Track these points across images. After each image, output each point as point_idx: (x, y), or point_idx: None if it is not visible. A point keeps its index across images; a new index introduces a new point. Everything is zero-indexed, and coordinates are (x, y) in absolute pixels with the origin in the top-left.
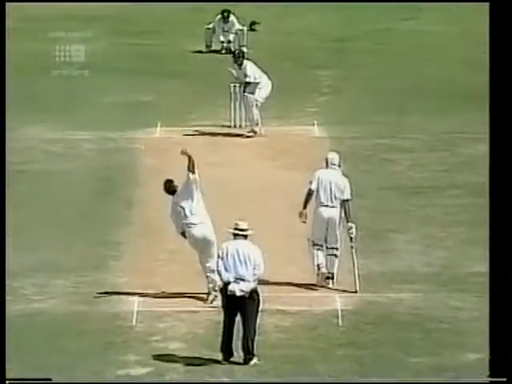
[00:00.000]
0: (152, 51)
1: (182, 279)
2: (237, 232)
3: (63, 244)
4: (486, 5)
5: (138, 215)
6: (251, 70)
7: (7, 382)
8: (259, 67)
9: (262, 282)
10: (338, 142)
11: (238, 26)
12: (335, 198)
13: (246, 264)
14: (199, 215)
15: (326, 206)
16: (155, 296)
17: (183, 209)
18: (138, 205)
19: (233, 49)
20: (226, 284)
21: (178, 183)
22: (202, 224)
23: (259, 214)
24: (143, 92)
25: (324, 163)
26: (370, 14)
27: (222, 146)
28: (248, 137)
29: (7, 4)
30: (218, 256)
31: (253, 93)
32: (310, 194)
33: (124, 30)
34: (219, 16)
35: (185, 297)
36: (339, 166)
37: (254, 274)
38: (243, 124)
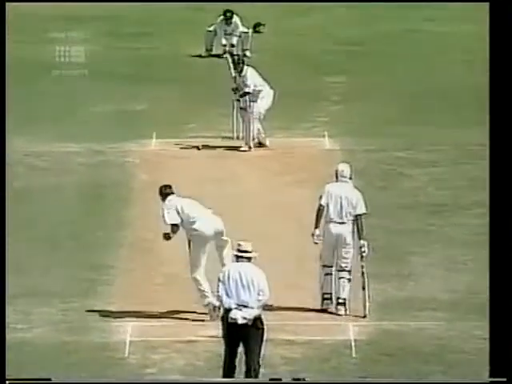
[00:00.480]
0: (146, 55)
1: (180, 306)
2: (240, 254)
3: (49, 267)
4: None
5: (131, 236)
6: (251, 78)
7: (7, 382)
8: (260, 74)
9: (267, 308)
10: (350, 155)
11: (241, 29)
12: (346, 213)
13: (250, 289)
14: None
15: (336, 222)
16: (149, 325)
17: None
18: (131, 224)
19: (235, 52)
20: (227, 311)
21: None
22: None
23: (265, 234)
24: (137, 100)
25: (334, 176)
26: (386, 14)
27: (223, 160)
28: (244, 151)
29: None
30: (219, 280)
31: (253, 102)
32: (320, 210)
33: (115, 32)
34: (221, 17)
35: (182, 320)
36: (350, 178)
37: (258, 300)
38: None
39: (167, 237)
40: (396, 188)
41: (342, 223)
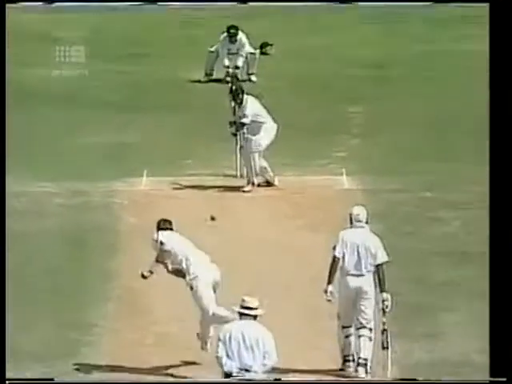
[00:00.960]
0: (137, 80)
1: (173, 370)
2: (244, 311)
3: (25, 326)
4: None
5: (119, 289)
6: (251, 108)
7: (7, 381)
8: (263, 105)
9: (276, 371)
10: (372, 195)
11: (248, 48)
12: (365, 264)
13: (254, 351)
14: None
15: (354, 274)
16: None
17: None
18: (119, 276)
19: (240, 77)
20: (228, 375)
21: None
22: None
23: (273, 287)
24: (126, 131)
25: (348, 221)
26: (412, 33)
27: (224, 201)
28: (247, 191)
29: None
30: (219, 339)
31: (252, 136)
32: (335, 262)
33: (102, 54)
34: (224, 34)
35: None
36: (367, 222)
37: (264, 365)
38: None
39: (148, 274)
40: (423, 233)
41: (361, 275)
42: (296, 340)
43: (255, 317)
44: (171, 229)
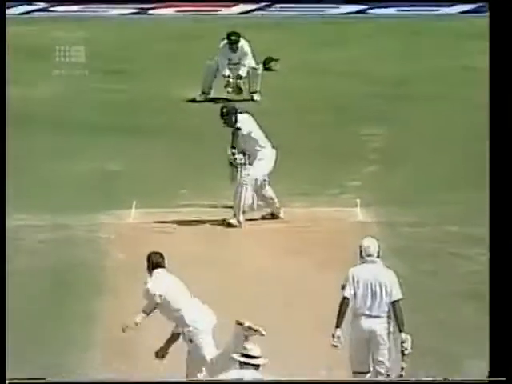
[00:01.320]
0: (126, 99)
1: None
2: (244, 360)
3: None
4: None
5: (104, 334)
6: (247, 129)
7: (7, 381)
8: (261, 128)
9: None
10: (389, 229)
11: (250, 60)
12: (379, 303)
13: None
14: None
15: (367, 315)
16: None
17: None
18: (105, 319)
19: (243, 87)
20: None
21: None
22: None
23: (277, 333)
24: (112, 158)
25: (358, 255)
26: (435, 45)
27: (224, 237)
28: (232, 225)
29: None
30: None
31: (248, 165)
32: (344, 303)
33: (86, 70)
34: (224, 42)
35: None
36: (378, 256)
37: None
38: (254, 204)
39: (134, 327)
40: (447, 272)
41: (376, 317)
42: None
43: (257, 366)
44: (163, 266)
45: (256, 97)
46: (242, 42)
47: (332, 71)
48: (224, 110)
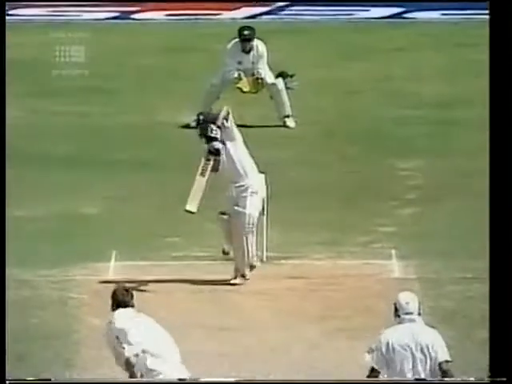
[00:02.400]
0: (100, 125)
1: None
2: None
3: None
4: None
5: None
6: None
7: (7, 382)
8: (251, 154)
9: None
10: (435, 287)
11: (266, 69)
12: (424, 368)
13: None
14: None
15: None
16: None
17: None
18: None
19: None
20: None
21: None
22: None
23: None
24: (87, 198)
25: (393, 314)
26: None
27: (225, 297)
28: (234, 284)
29: None
30: None
31: (241, 208)
32: (372, 377)
33: (56, 90)
34: (234, 41)
35: None
36: (419, 314)
37: None
38: (263, 254)
39: None
40: None
41: None
42: None
43: None
44: (132, 305)
45: (290, 123)
46: (257, 42)
47: (361, 90)
48: (200, 118)
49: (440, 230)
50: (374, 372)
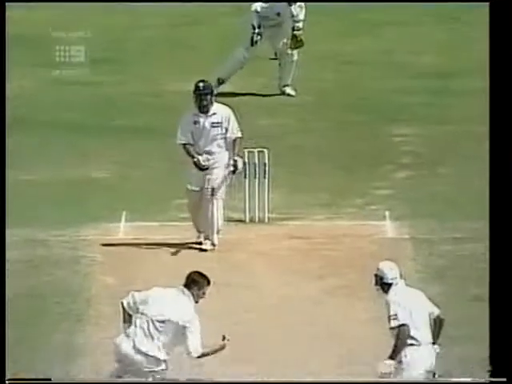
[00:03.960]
0: (111, 93)
1: None
2: None
3: None
4: None
5: (87, 373)
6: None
7: (7, 382)
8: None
9: None
10: (427, 246)
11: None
12: (427, 327)
13: None
14: None
15: (421, 344)
16: None
17: None
18: (88, 355)
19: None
20: None
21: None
22: None
23: (291, 369)
24: (98, 163)
25: (376, 283)
26: (480, 33)
27: (231, 256)
28: (204, 250)
29: None
30: None
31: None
32: (406, 335)
33: (69, 59)
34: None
35: None
36: (401, 277)
37: None
38: (265, 216)
39: None
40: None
41: (430, 343)
42: None
43: None
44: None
45: (289, 90)
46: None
47: (360, 62)
48: (201, 85)
49: (432, 193)
50: (405, 327)
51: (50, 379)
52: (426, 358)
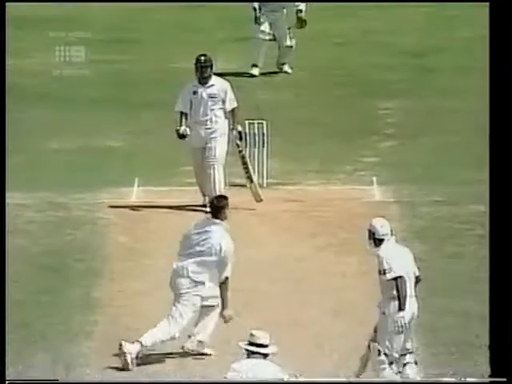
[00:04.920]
0: (125, 71)
1: None
2: (252, 349)
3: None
4: None
5: (103, 322)
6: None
7: (7, 382)
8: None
9: None
10: (410, 208)
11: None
12: (413, 281)
13: None
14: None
15: (410, 296)
16: None
17: None
18: (104, 306)
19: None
20: None
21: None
22: None
23: (287, 318)
24: (113, 133)
25: (369, 238)
26: (462, 15)
27: (233, 217)
28: (203, 205)
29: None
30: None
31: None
32: (404, 284)
33: (83, 40)
34: None
35: None
36: (392, 234)
37: None
38: (263, 181)
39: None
40: (474, 256)
41: (414, 296)
42: (312, 366)
43: (265, 355)
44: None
45: (287, 68)
46: None
47: (348, 42)
48: (202, 58)
49: (414, 160)
50: (402, 278)
51: (55, 380)
52: (411, 309)
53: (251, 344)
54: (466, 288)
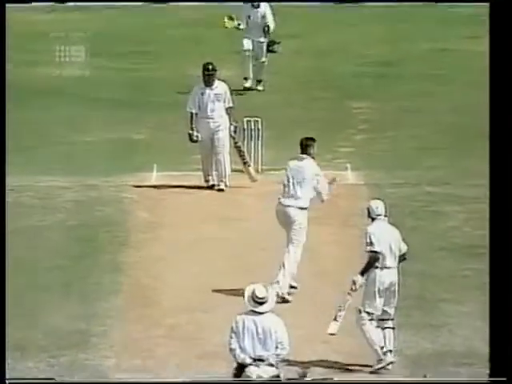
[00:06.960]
0: (142, 77)
1: (183, 361)
2: (255, 308)
3: (35, 318)
4: None
5: (128, 282)
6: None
7: (7, 381)
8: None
9: (285, 363)
10: (377, 190)
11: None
12: (396, 256)
13: (267, 342)
14: None
15: (390, 267)
16: None
17: None
18: (128, 270)
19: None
20: (242, 366)
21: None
22: None
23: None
24: (135, 128)
25: (367, 215)
26: (421, 31)
27: (237, 198)
28: (220, 190)
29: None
30: (232, 330)
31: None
32: (375, 259)
33: (107, 50)
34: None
35: None
36: (386, 215)
37: (277, 355)
38: (259, 167)
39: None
40: (429, 228)
41: (395, 268)
42: (304, 334)
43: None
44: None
45: (260, 87)
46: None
47: (327, 53)
48: (210, 67)
49: (382, 150)
50: (377, 254)
51: (52, 379)
52: (389, 278)
53: (254, 301)
54: (422, 255)
